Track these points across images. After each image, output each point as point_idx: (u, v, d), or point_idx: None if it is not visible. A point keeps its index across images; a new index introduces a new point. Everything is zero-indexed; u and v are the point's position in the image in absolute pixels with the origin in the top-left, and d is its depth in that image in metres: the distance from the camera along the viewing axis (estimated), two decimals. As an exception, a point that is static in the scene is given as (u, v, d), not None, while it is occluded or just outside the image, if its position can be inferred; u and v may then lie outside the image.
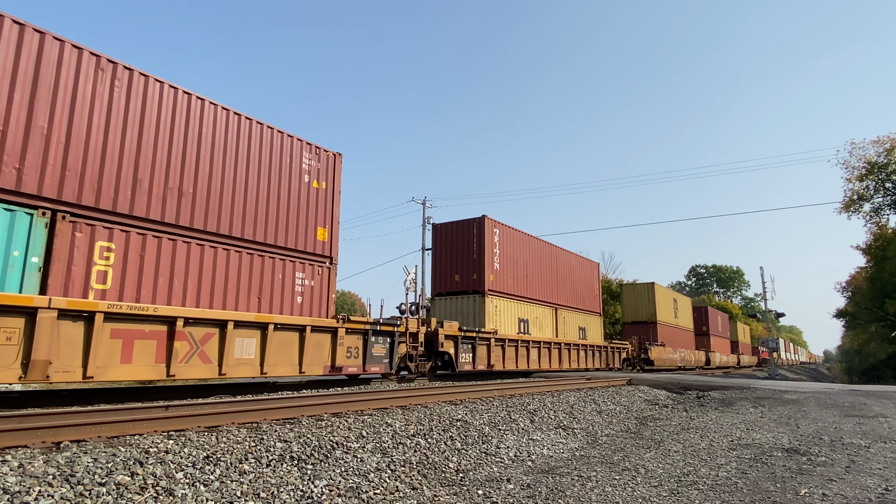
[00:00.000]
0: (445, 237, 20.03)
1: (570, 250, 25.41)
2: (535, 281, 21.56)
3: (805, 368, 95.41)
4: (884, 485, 5.50)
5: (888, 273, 39.14)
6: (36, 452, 4.43)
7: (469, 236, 19.02)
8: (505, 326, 18.77)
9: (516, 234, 20.99)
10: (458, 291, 18.96)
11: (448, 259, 19.59)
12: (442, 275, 19.71)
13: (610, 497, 5.05)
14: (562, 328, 23.00)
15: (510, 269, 19.87)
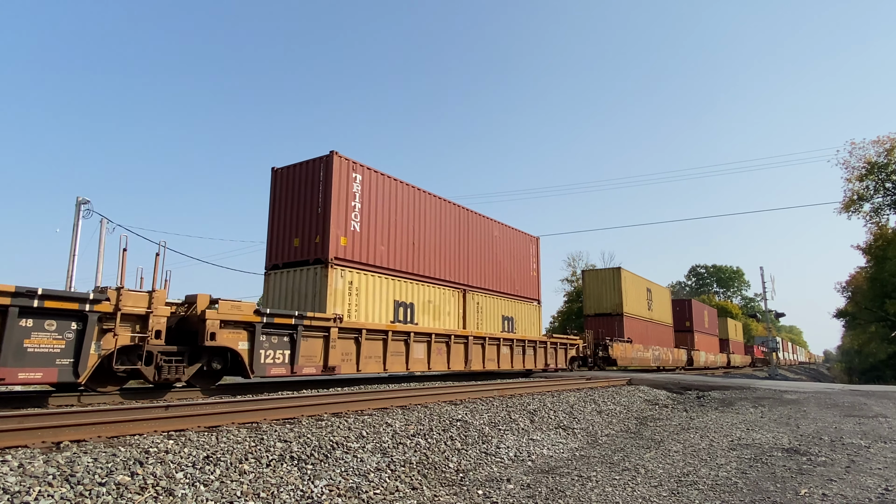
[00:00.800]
0: (286, 187, 14.28)
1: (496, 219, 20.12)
2: (428, 252, 16.23)
3: (805, 368, 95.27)
4: (884, 485, 5.50)
5: (888, 273, 39.13)
6: (36, 452, 4.43)
7: (314, 184, 13.54)
8: (371, 311, 13.88)
9: (394, 186, 15.25)
10: (297, 262, 13.57)
11: (288, 217, 14.06)
12: (279, 240, 14.13)
13: (610, 497, 5.05)
14: (474, 317, 17.88)
15: (382, 233, 14.54)
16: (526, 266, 21.72)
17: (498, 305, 19.45)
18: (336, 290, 12.91)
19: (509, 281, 20.27)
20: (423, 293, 15.81)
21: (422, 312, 15.65)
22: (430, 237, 16.45)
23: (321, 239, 13.13)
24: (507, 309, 19.92)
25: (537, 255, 22.72)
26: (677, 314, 39.64)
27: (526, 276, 21.59)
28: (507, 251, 20.47)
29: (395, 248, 15.02)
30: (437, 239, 16.75)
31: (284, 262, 13.84)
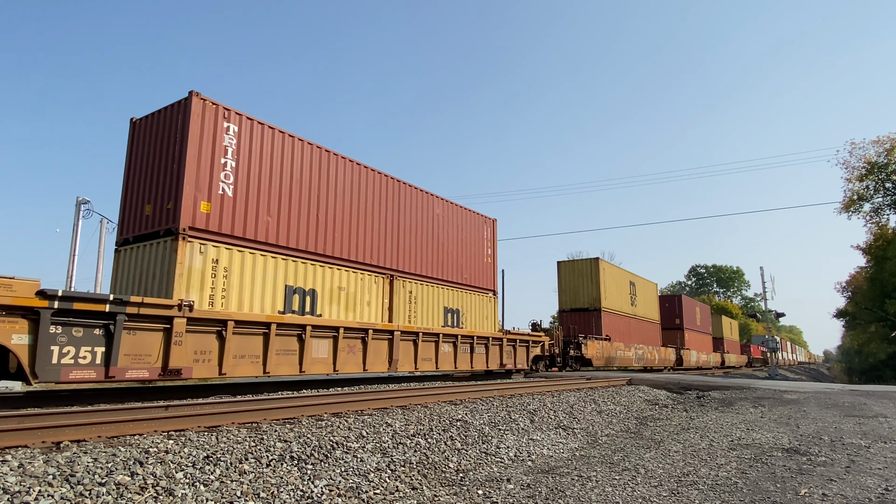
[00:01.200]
0: (143, 141, 11.39)
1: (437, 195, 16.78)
2: (340, 229, 13.17)
3: (805, 368, 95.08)
4: (884, 485, 5.50)
5: (888, 273, 39.15)
6: (36, 452, 4.43)
7: (171, 136, 10.67)
8: (249, 298, 10.88)
9: (290, 144, 12.23)
10: (148, 235, 10.67)
11: (143, 179, 11.14)
12: (133, 208, 11.23)
13: (610, 497, 5.05)
14: (404, 309, 14.88)
15: (268, 201, 11.55)
16: (478, 251, 18.38)
17: (439, 295, 16.23)
18: (191, 270, 9.92)
19: (455, 267, 17.08)
20: (330, 278, 12.67)
21: (328, 301, 12.58)
22: (343, 210, 13.24)
23: (173, 204, 10.18)
24: (451, 300, 16.68)
25: (493, 240, 19.38)
26: (666, 311, 37.41)
27: (478, 262, 18.28)
28: (453, 233, 17.20)
29: (288, 220, 11.86)
30: (354, 213, 13.54)
31: (135, 234, 10.87)
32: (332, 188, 13.18)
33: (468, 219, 18.28)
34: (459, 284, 17.38)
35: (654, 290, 35.22)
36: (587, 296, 26.54)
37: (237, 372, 10.10)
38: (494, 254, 19.48)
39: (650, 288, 34.38)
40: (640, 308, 31.56)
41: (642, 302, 32.01)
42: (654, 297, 34.60)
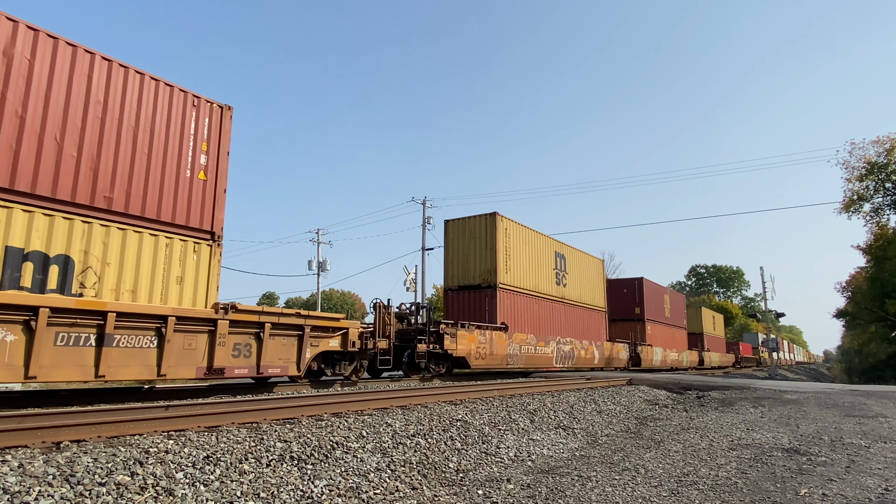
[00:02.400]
0: None
1: None
2: None
3: (804, 368, 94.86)
4: (884, 485, 5.50)
5: (888, 273, 39.14)
6: (36, 452, 4.43)
7: None
8: None
9: None
10: None
11: None
12: None
13: (610, 497, 5.05)
14: None
15: None
16: (173, 154, 9.59)
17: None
18: None
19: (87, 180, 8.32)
20: None
21: None
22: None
23: None
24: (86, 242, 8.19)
25: (217, 134, 10.35)
26: (620, 297, 30.86)
27: (174, 176, 9.54)
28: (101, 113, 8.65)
29: None
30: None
31: None
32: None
33: (140, 91, 9.30)
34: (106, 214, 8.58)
35: (599, 268, 27.16)
36: (480, 268, 18.71)
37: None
38: (217, 165, 10.36)
39: (591, 265, 26.02)
40: (573, 290, 23.64)
41: (577, 282, 24.22)
42: (597, 278, 26.65)
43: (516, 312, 19.39)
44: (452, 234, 19.87)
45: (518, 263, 19.82)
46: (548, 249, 22.30)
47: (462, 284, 19.23)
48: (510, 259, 19.30)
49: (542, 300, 21.40)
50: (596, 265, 27.14)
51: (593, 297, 26.07)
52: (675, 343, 36.12)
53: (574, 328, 23.57)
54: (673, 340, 35.56)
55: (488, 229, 18.87)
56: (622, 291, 31.52)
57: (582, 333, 24.15)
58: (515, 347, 18.78)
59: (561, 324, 22.49)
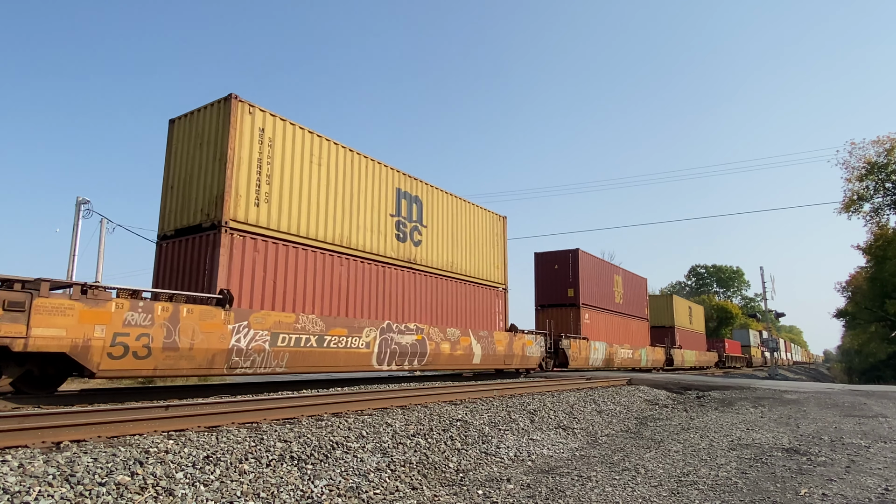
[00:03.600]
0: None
1: None
2: None
3: (804, 368, 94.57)
4: (884, 485, 5.50)
5: (888, 273, 39.14)
6: (36, 452, 4.43)
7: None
8: None
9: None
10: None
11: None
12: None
13: (610, 497, 5.05)
14: None
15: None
16: None
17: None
18: None
19: None
20: None
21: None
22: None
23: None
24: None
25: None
26: (549, 276, 23.49)
27: None
28: None
29: None
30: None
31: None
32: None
33: None
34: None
35: (500, 227, 19.28)
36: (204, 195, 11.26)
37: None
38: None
39: (486, 222, 18.50)
40: (437, 252, 15.89)
41: (466, 246, 17.19)
42: (494, 243, 18.72)
43: (277, 275, 11.23)
44: (177, 140, 11.96)
45: (286, 190, 11.71)
46: (380, 181, 14.28)
47: (180, 227, 11.35)
48: (272, 180, 11.38)
49: (356, 260, 13.18)
50: (491, 223, 18.87)
51: (481, 266, 17.94)
52: (631, 337, 28.62)
53: (437, 310, 15.70)
54: (626, 334, 27.99)
55: (221, 127, 10.86)
56: (552, 268, 23.42)
57: (454, 319, 16.28)
58: (250, 337, 10.22)
59: (404, 302, 14.51)
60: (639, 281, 31.54)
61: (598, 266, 26.44)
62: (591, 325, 24.13)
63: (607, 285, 26.81)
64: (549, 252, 24.71)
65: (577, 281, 23.61)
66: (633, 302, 29.90)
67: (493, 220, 19.13)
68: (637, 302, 30.49)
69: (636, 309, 30.24)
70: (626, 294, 29.04)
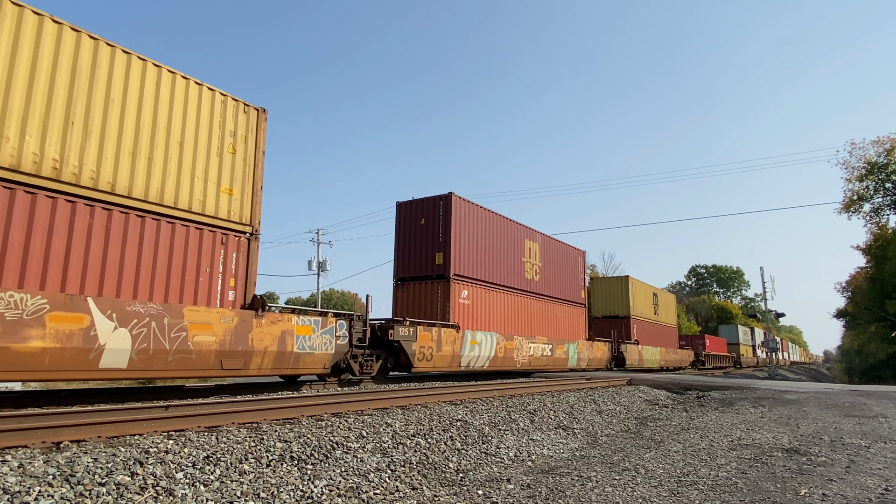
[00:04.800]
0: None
1: None
2: None
3: (804, 368, 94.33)
4: (884, 485, 5.50)
5: (888, 273, 39.15)
6: (36, 452, 4.43)
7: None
8: None
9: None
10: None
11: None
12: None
13: (610, 497, 5.05)
14: None
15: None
16: None
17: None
18: None
19: None
20: None
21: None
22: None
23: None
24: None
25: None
26: (408, 235, 16.91)
27: None
28: None
29: None
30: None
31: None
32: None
33: None
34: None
35: None
36: None
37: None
38: None
39: None
40: None
41: None
42: None
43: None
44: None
45: None
46: None
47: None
48: None
49: None
50: None
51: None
52: (555, 327, 21.04)
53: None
54: (545, 322, 20.42)
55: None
56: (418, 224, 16.63)
57: None
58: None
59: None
60: (570, 254, 23.20)
61: (490, 223, 17.84)
62: (471, 306, 16.33)
63: (510, 253, 18.77)
64: (416, 200, 16.98)
65: (449, 241, 15.80)
66: (560, 281, 21.84)
67: None
68: (567, 281, 22.50)
69: (565, 290, 22.12)
70: (548, 269, 21.14)
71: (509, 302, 18.54)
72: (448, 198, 16.23)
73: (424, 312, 15.83)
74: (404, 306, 16.37)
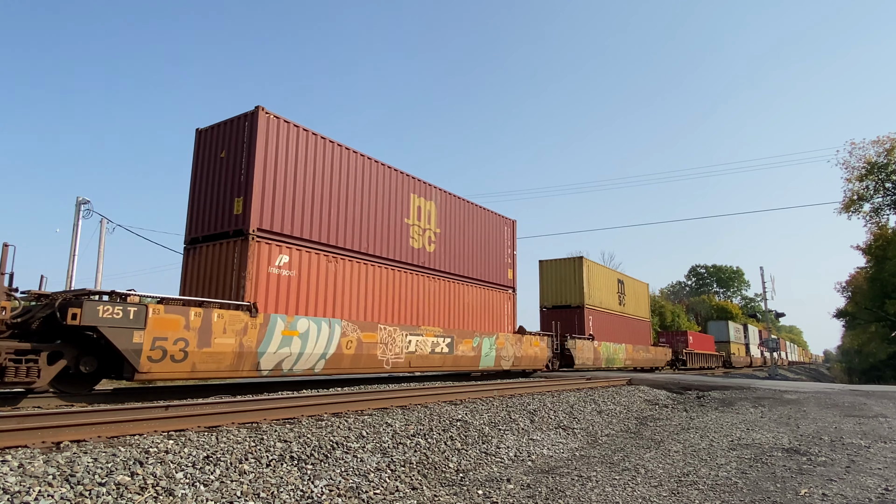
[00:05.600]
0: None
1: None
2: None
3: (804, 368, 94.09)
4: (884, 485, 5.50)
5: (888, 273, 39.14)
6: (36, 452, 4.43)
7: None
8: None
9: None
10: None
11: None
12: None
13: (610, 497, 5.05)
14: None
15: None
16: None
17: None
18: None
19: None
20: None
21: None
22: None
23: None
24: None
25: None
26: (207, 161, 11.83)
27: None
28: None
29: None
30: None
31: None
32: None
33: None
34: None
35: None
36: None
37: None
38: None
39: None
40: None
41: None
42: None
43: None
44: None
45: None
46: None
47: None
48: None
49: None
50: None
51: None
52: (465, 317, 16.22)
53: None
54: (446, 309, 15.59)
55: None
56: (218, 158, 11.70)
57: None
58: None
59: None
60: (492, 223, 18.12)
61: (343, 162, 12.91)
62: (295, 279, 11.46)
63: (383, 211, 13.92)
64: (219, 124, 11.87)
65: (251, 180, 10.87)
66: (472, 255, 16.97)
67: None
68: (485, 257, 17.59)
69: (481, 268, 17.30)
70: (451, 238, 15.99)
71: (378, 278, 13.47)
72: (254, 115, 11.08)
73: (220, 288, 10.86)
74: (195, 279, 11.44)
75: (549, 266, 26.15)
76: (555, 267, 25.88)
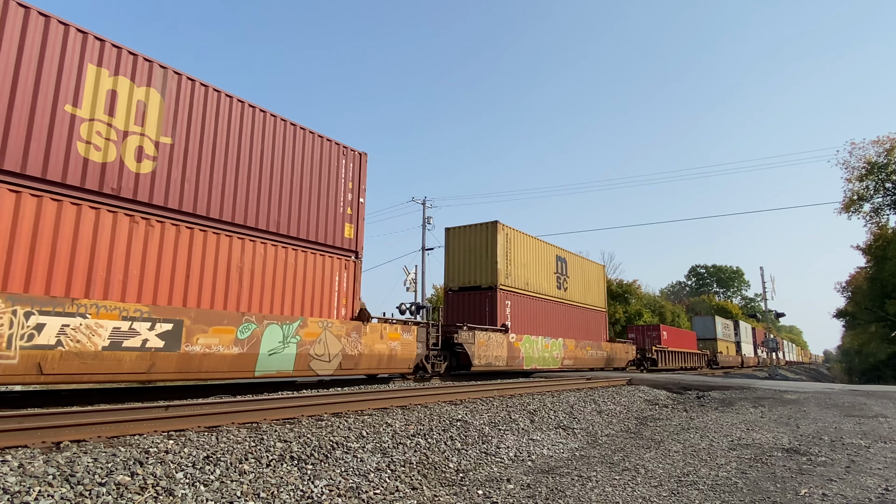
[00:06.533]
0: None
1: None
2: None
3: (804, 368, 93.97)
4: (884, 485, 5.50)
5: (888, 273, 39.15)
6: (36, 452, 4.43)
7: None
8: None
9: None
10: None
11: None
12: None
13: (610, 497, 5.05)
14: None
15: None
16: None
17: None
18: None
19: None
20: None
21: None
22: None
23: None
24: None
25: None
26: None
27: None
28: None
29: None
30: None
31: None
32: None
33: None
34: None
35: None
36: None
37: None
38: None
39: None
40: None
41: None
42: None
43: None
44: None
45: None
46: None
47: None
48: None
49: None
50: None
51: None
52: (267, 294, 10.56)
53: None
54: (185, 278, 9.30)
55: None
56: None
57: None
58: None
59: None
60: (316, 149, 12.33)
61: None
62: None
63: None
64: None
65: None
66: (255, 195, 10.78)
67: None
68: (296, 202, 11.66)
69: (284, 218, 11.32)
70: (203, 161, 9.88)
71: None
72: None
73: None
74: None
75: (456, 235, 19.62)
76: (464, 236, 19.41)
